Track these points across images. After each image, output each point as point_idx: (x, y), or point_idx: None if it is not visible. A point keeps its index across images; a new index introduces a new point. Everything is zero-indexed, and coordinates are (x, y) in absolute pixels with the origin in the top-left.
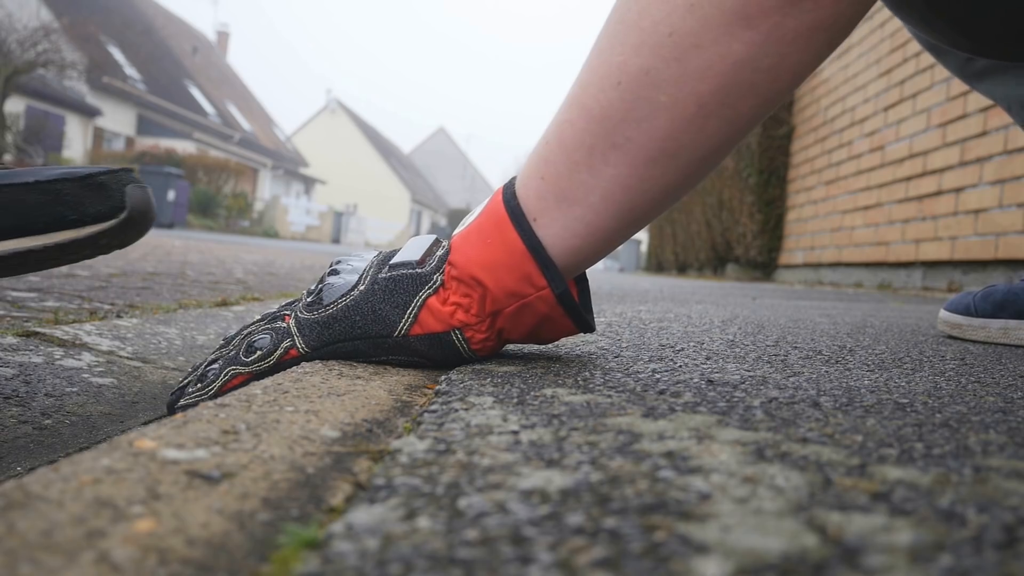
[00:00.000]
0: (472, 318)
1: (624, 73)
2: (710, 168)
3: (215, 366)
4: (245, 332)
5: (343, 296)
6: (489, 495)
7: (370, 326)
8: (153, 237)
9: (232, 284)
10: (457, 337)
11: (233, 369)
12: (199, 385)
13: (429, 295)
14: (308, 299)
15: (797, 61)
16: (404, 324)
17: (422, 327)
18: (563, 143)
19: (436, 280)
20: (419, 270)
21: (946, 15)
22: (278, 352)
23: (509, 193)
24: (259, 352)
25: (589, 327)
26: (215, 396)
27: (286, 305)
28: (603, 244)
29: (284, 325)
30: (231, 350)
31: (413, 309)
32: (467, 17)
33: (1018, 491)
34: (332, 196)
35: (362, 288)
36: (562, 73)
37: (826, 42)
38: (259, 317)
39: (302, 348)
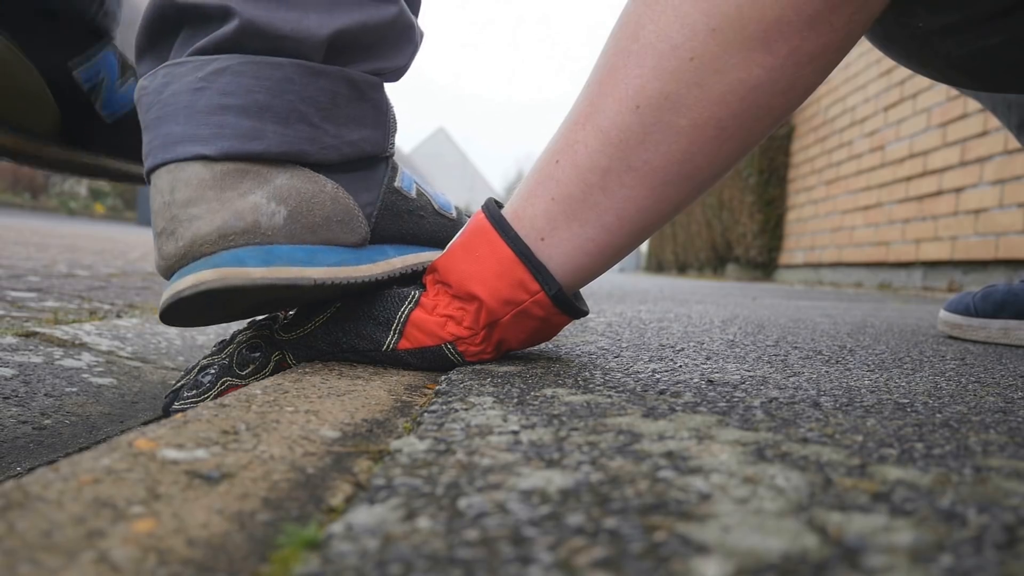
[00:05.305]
0: (465, 331)
1: (643, 96)
2: (718, 182)
3: (209, 372)
4: (236, 340)
5: (320, 314)
6: (489, 495)
7: (355, 342)
8: (151, 238)
9: None
10: (449, 350)
11: (228, 380)
12: (194, 391)
13: (411, 309)
14: (285, 320)
15: (809, 81)
16: (391, 340)
17: (410, 342)
18: (577, 164)
19: (415, 295)
20: (397, 288)
21: (946, 61)
22: (271, 365)
23: (491, 210)
24: (253, 366)
25: (584, 314)
26: None
27: (270, 315)
28: (611, 259)
29: (273, 335)
30: (224, 358)
31: (397, 325)
32: (467, 16)
33: (1019, 491)
34: None
35: (338, 304)
36: (562, 72)
37: (835, 60)
38: (247, 323)
39: (292, 363)
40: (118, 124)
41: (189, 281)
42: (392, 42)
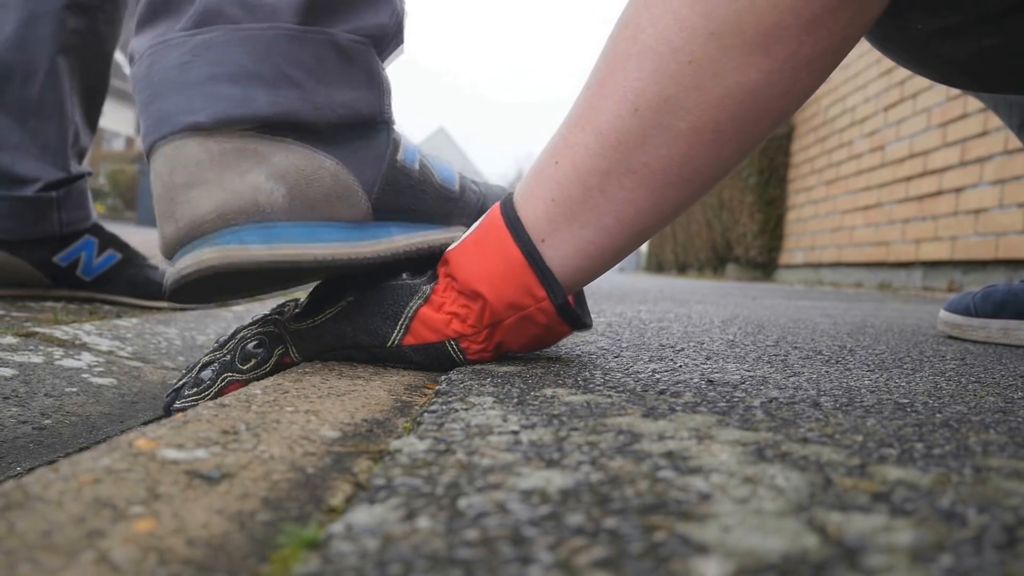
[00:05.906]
0: (468, 329)
1: (642, 99)
2: (717, 184)
3: (210, 370)
4: (238, 336)
5: (332, 307)
6: (489, 495)
7: (361, 337)
8: (152, 236)
9: None
10: (452, 347)
11: (229, 376)
12: (195, 389)
13: (420, 305)
14: (296, 309)
15: (807, 84)
16: (396, 335)
17: (415, 337)
18: (576, 166)
19: (426, 290)
20: (409, 280)
21: (946, 62)
22: (272, 360)
23: (508, 207)
24: (254, 361)
25: (587, 327)
26: None
27: (278, 308)
28: (610, 261)
29: (276, 331)
30: (225, 355)
31: (404, 320)
32: (469, 16)
33: (1018, 491)
34: None
35: (350, 298)
36: (563, 73)
37: (833, 64)
38: (251, 320)
39: (295, 357)
40: (98, 278)
41: (191, 260)
42: None
